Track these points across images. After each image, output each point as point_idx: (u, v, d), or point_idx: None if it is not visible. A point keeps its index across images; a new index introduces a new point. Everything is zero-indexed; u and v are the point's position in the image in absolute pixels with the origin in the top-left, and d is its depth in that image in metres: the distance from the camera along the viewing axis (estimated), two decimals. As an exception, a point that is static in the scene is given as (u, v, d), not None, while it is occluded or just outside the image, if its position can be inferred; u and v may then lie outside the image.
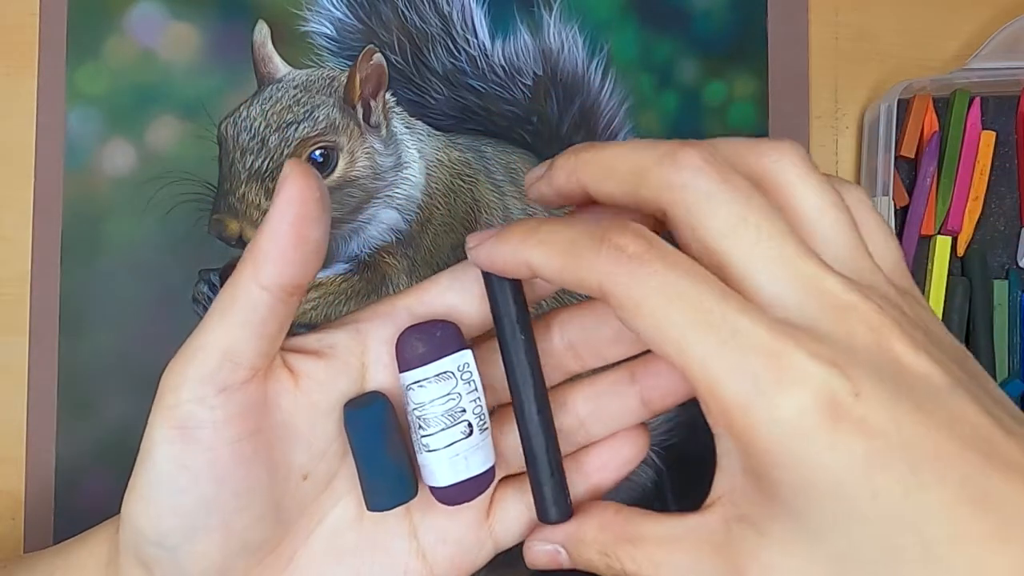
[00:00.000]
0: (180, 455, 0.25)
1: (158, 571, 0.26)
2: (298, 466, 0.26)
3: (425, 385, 0.25)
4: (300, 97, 0.41)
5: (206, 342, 0.24)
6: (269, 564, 0.27)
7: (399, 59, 0.43)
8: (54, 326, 0.43)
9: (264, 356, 0.25)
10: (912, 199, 0.43)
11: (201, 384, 0.24)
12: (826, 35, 0.45)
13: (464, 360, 0.25)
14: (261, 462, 0.25)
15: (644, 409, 0.28)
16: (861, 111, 0.45)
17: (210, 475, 0.25)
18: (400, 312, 0.27)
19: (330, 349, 0.27)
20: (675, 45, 0.44)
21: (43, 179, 0.43)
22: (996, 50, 0.42)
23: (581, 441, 0.28)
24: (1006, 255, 0.44)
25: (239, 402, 0.25)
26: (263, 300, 0.24)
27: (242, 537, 0.26)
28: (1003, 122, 0.44)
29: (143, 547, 0.26)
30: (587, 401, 0.28)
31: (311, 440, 0.26)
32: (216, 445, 0.24)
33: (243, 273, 0.24)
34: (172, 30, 0.44)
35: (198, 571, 0.26)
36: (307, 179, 0.23)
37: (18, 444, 0.42)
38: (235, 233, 0.40)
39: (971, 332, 0.43)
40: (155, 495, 0.25)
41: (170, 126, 0.43)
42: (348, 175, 0.41)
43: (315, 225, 0.24)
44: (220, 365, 0.24)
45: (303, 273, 0.24)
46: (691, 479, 0.43)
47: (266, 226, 0.24)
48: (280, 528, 0.27)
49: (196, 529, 0.25)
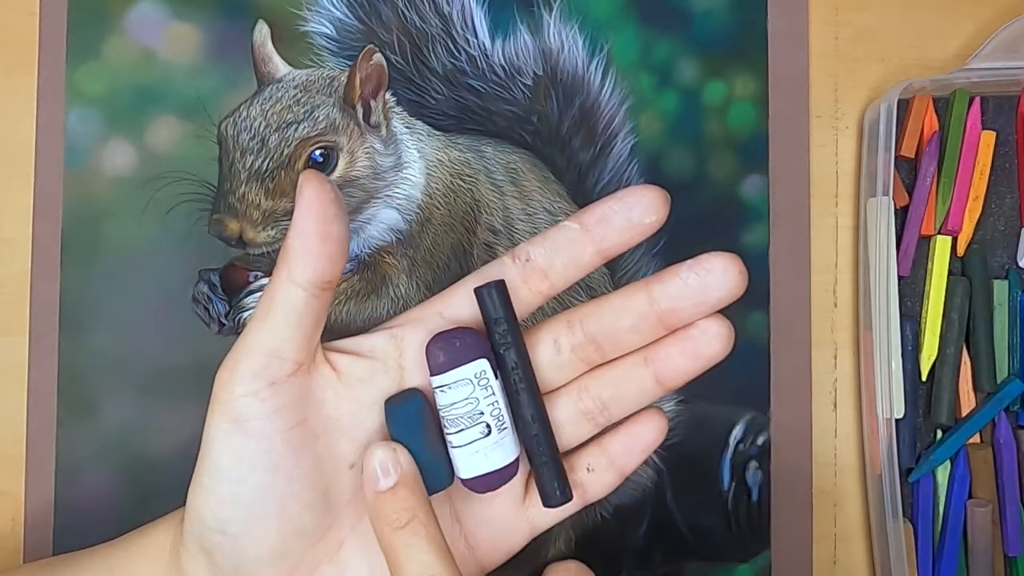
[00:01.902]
0: (237, 446, 0.27)
1: (220, 557, 0.28)
2: (344, 456, 0.29)
3: (446, 390, 0.28)
4: (300, 97, 0.41)
5: (252, 342, 0.27)
6: (320, 549, 0.29)
7: (399, 59, 0.43)
8: (54, 326, 0.43)
9: (305, 350, 0.28)
10: (912, 199, 0.43)
11: (252, 380, 0.27)
12: (826, 35, 0.45)
13: (481, 368, 0.28)
14: (309, 451, 0.28)
15: (659, 388, 0.30)
16: (861, 111, 0.45)
17: (265, 463, 0.27)
18: (431, 317, 0.30)
19: (370, 351, 0.29)
20: (675, 45, 0.44)
21: (43, 179, 0.43)
22: (996, 50, 0.42)
23: (603, 423, 0.31)
24: (1006, 255, 0.44)
25: (287, 394, 0.28)
26: (299, 297, 0.27)
27: (296, 523, 0.28)
28: (1003, 122, 0.44)
29: (206, 535, 0.28)
30: (606, 386, 0.30)
31: (355, 432, 0.29)
32: (269, 435, 0.27)
33: (279, 275, 0.27)
34: (172, 30, 0.44)
35: (256, 556, 0.28)
36: (322, 182, 0.27)
37: (18, 444, 0.42)
38: (235, 233, 0.40)
39: (971, 332, 0.43)
40: (216, 486, 0.28)
41: (170, 126, 0.43)
42: (348, 175, 0.41)
43: (336, 222, 0.27)
44: (268, 362, 0.27)
45: (331, 268, 0.27)
46: (691, 479, 0.43)
47: (293, 229, 0.27)
48: (330, 515, 0.29)
49: (254, 516, 0.28)
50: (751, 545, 0.43)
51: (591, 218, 0.29)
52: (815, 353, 0.44)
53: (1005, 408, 0.43)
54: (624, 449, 0.31)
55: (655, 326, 0.29)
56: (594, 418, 0.31)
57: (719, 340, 0.29)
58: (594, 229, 0.29)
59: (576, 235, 0.29)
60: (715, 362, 0.29)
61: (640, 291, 0.29)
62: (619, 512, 0.43)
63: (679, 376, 0.29)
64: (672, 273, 0.28)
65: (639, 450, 0.31)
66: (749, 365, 0.44)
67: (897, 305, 0.41)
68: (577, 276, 0.29)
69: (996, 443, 0.43)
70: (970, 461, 0.43)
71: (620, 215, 0.28)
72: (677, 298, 0.28)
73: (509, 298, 0.28)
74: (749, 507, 0.43)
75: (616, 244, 0.29)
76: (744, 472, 0.43)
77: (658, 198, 0.28)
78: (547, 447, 0.29)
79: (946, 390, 0.43)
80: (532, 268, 0.29)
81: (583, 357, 0.30)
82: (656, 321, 0.29)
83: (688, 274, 0.28)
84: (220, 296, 0.42)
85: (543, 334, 0.30)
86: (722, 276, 0.28)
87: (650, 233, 0.28)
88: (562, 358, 0.30)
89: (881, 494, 0.40)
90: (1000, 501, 0.43)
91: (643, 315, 0.29)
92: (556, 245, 0.29)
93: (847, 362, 0.44)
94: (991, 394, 0.43)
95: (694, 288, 0.28)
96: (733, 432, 0.44)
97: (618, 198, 0.28)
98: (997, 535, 0.43)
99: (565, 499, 0.29)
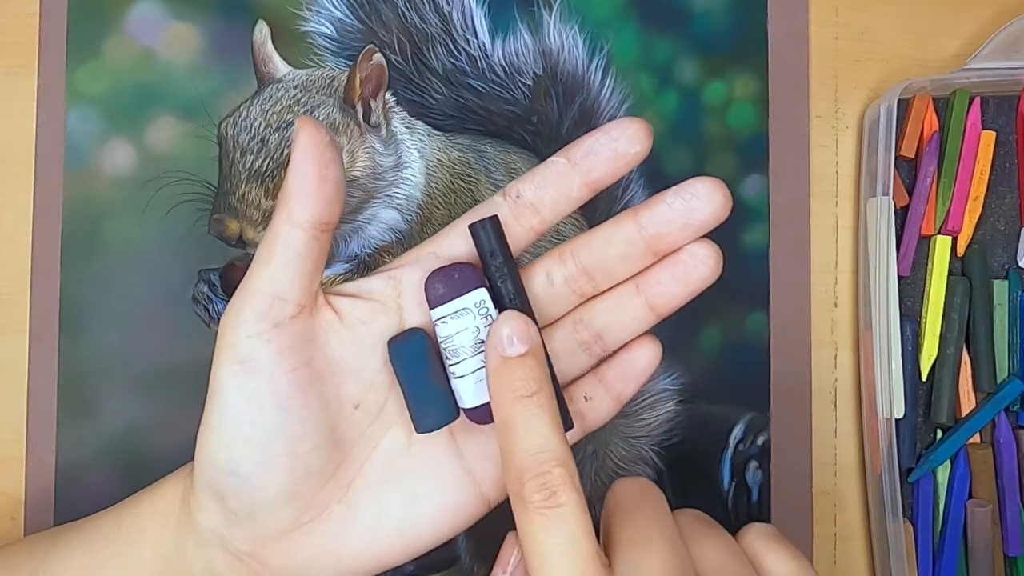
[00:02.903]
0: (244, 387, 0.28)
1: (232, 500, 0.29)
2: (349, 396, 0.30)
3: (448, 321, 0.29)
4: (300, 97, 0.41)
5: (255, 285, 0.28)
6: (330, 489, 0.30)
7: (399, 59, 0.43)
8: (54, 326, 0.43)
9: (307, 292, 0.28)
10: (912, 199, 0.43)
11: (256, 322, 0.28)
12: (826, 35, 0.45)
13: (480, 297, 0.28)
14: (316, 392, 0.29)
15: (652, 314, 0.31)
16: (861, 111, 0.45)
17: (273, 403, 0.28)
18: (427, 257, 0.30)
19: (369, 293, 0.30)
20: (675, 45, 0.44)
21: (43, 179, 0.43)
22: (996, 50, 0.42)
23: (599, 352, 0.31)
24: (1006, 255, 0.44)
25: (291, 336, 0.28)
26: (299, 239, 0.28)
27: (305, 463, 0.29)
28: (1003, 122, 0.44)
29: (218, 478, 0.29)
30: (600, 315, 0.31)
31: (359, 372, 0.30)
32: (275, 375, 0.28)
33: (279, 218, 0.28)
34: (172, 30, 0.44)
35: (268, 496, 0.29)
36: (317, 127, 0.27)
37: (18, 444, 0.42)
38: (235, 233, 0.40)
39: (971, 332, 0.43)
40: (227, 427, 0.28)
41: (170, 126, 0.43)
42: (348, 175, 0.41)
43: (332, 164, 0.28)
44: (271, 303, 0.28)
45: (329, 210, 0.28)
46: (691, 479, 0.43)
47: (291, 171, 0.27)
48: (338, 455, 0.30)
49: (265, 456, 0.28)
50: (751, 545, 0.43)
51: (578, 152, 0.29)
52: (815, 353, 0.44)
53: (1005, 408, 0.43)
54: (619, 375, 0.31)
55: (644, 253, 0.30)
56: (590, 348, 0.31)
57: (707, 263, 0.29)
58: (581, 162, 0.29)
59: (564, 169, 0.29)
60: (704, 285, 0.30)
61: (628, 219, 0.30)
62: (619, 512, 0.43)
63: (670, 301, 0.30)
64: (659, 199, 0.29)
65: (634, 375, 0.31)
66: (749, 365, 0.44)
67: (897, 305, 0.41)
68: (567, 210, 0.30)
69: (996, 443, 0.43)
70: (970, 461, 0.43)
71: (606, 147, 0.29)
72: (664, 222, 0.29)
73: (503, 232, 0.29)
74: (749, 507, 0.43)
75: (604, 175, 0.29)
76: (744, 472, 0.43)
77: (642, 129, 0.29)
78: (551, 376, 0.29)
79: (946, 390, 0.43)
80: (523, 204, 0.30)
81: (576, 289, 0.31)
82: (644, 248, 0.30)
83: (674, 199, 0.29)
84: (220, 296, 0.42)
85: (536, 269, 0.31)
86: (707, 199, 0.29)
87: (636, 164, 0.29)
88: (555, 290, 0.31)
89: (881, 494, 0.40)
90: (1000, 501, 0.43)
91: (631, 242, 0.30)
92: (545, 180, 0.30)
93: (847, 362, 0.44)
94: (991, 394, 0.43)
95: (680, 212, 0.29)
96: (733, 432, 0.44)
97: (604, 131, 0.29)
98: (997, 535, 0.43)
99: (566, 427, 0.29)
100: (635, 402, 0.44)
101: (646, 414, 0.44)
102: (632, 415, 0.44)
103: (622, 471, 0.44)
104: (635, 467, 0.44)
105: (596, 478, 0.44)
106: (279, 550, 0.30)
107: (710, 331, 0.44)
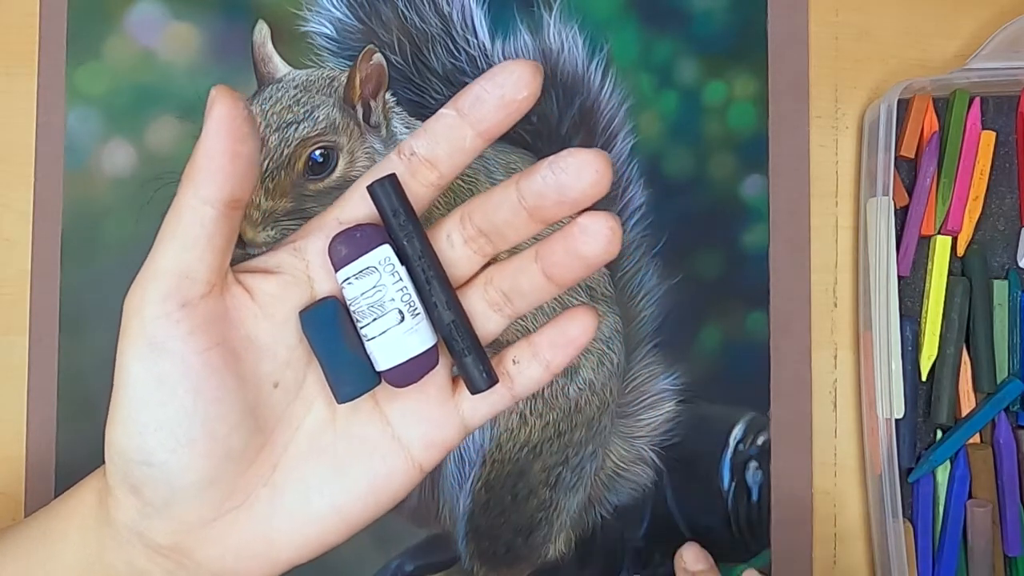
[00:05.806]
0: (154, 370, 0.27)
1: (148, 490, 0.28)
2: (267, 375, 0.29)
3: (353, 282, 0.28)
4: (300, 97, 0.41)
5: (161, 263, 0.27)
6: (254, 472, 0.29)
7: (399, 59, 0.43)
8: (54, 326, 0.43)
9: (216, 271, 0.27)
10: (912, 199, 0.43)
11: (163, 302, 0.26)
12: (826, 35, 0.45)
13: (384, 255, 0.28)
14: (231, 372, 0.28)
15: (550, 284, 0.29)
16: (861, 111, 0.45)
17: (185, 386, 0.27)
18: (330, 224, 0.29)
19: (277, 267, 0.29)
20: (675, 45, 0.44)
21: (43, 179, 0.43)
22: (996, 50, 0.42)
23: (510, 314, 0.30)
24: (1006, 255, 0.44)
25: (201, 315, 0.27)
26: (208, 215, 0.26)
27: (224, 445, 0.28)
28: (1003, 122, 0.44)
29: (132, 469, 0.28)
30: (505, 279, 0.30)
31: (275, 350, 0.29)
32: (186, 356, 0.27)
33: (185, 195, 0.26)
34: (172, 30, 0.44)
35: (186, 483, 0.28)
36: (233, 100, 0.26)
37: (18, 444, 0.42)
38: (235, 233, 0.40)
39: (971, 332, 0.43)
40: (136, 414, 0.27)
41: (170, 126, 0.43)
42: (348, 175, 0.41)
43: (246, 140, 0.26)
44: (178, 283, 0.27)
45: (240, 187, 0.27)
46: (691, 479, 0.43)
47: (201, 146, 0.26)
48: (260, 436, 0.29)
49: (180, 441, 0.27)
50: (751, 545, 0.43)
51: (465, 102, 0.28)
52: (815, 353, 0.44)
53: (1005, 408, 0.43)
54: (549, 342, 0.30)
55: (528, 221, 0.28)
56: (500, 309, 0.30)
57: (597, 239, 0.27)
58: (470, 113, 0.28)
59: (454, 121, 0.28)
60: (601, 261, 0.28)
61: (511, 186, 0.28)
62: (619, 512, 0.43)
63: (563, 273, 0.29)
64: (535, 169, 0.28)
65: (563, 343, 0.30)
66: (749, 365, 0.44)
67: (897, 305, 0.41)
68: (465, 162, 0.29)
69: (996, 443, 0.43)
70: (970, 461, 0.43)
71: (492, 94, 0.27)
72: (538, 195, 0.27)
73: (403, 190, 0.28)
74: (749, 507, 0.43)
75: (494, 124, 0.28)
76: (744, 472, 0.43)
77: (527, 71, 0.27)
78: (465, 333, 0.29)
79: (946, 390, 0.43)
80: (418, 161, 0.29)
81: (477, 250, 0.30)
82: (527, 217, 0.28)
83: (546, 171, 0.27)
84: (220, 296, 0.42)
85: (438, 230, 0.30)
86: (575, 174, 0.27)
87: (526, 109, 0.28)
88: (456, 252, 0.30)
89: (881, 494, 0.40)
90: (1000, 501, 0.43)
91: (515, 210, 0.28)
92: (436, 135, 0.29)
93: (847, 362, 0.44)
94: (991, 394, 0.43)
95: (551, 185, 0.27)
96: (733, 432, 0.44)
97: (488, 77, 0.27)
98: (997, 535, 0.43)
99: (491, 382, 0.29)
100: (635, 402, 0.44)
101: (646, 414, 0.44)
102: (632, 415, 0.44)
103: (622, 471, 0.44)
104: (635, 467, 0.44)
105: (596, 478, 0.44)
106: (203, 540, 0.29)
107: (710, 331, 0.44)
